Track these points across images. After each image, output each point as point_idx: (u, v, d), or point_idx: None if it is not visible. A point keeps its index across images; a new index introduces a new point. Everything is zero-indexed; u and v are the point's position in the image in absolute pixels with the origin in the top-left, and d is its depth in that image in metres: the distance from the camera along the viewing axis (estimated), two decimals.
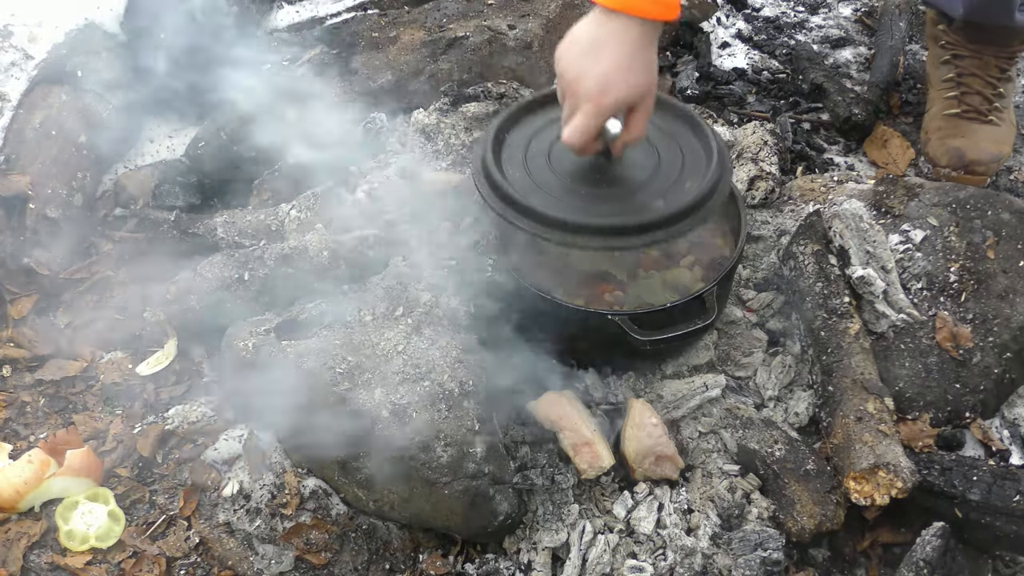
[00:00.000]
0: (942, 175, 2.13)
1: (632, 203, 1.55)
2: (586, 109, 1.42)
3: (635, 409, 1.62)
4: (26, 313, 1.94)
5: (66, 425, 1.77)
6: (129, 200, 2.15)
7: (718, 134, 1.69)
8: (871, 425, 1.58)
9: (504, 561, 1.58)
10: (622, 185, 1.58)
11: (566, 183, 1.58)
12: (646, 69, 1.42)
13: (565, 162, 1.60)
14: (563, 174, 1.59)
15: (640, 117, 1.47)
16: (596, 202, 1.56)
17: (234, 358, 1.69)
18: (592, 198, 1.56)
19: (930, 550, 1.48)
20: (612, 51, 1.39)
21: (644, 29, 1.39)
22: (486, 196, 1.57)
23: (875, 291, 1.74)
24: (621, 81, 1.40)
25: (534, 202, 1.53)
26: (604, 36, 1.40)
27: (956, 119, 2.16)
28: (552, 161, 1.61)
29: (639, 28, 1.38)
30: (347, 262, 1.76)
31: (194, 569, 1.59)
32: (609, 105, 1.42)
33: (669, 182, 1.58)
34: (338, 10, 2.51)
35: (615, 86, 1.40)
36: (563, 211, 1.51)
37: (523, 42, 2.28)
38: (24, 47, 2.20)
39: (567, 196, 1.56)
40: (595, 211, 1.54)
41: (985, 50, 2.16)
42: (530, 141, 1.66)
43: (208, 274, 1.81)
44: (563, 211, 1.51)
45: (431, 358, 1.58)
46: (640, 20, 1.38)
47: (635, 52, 1.40)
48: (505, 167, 1.60)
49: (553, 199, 1.55)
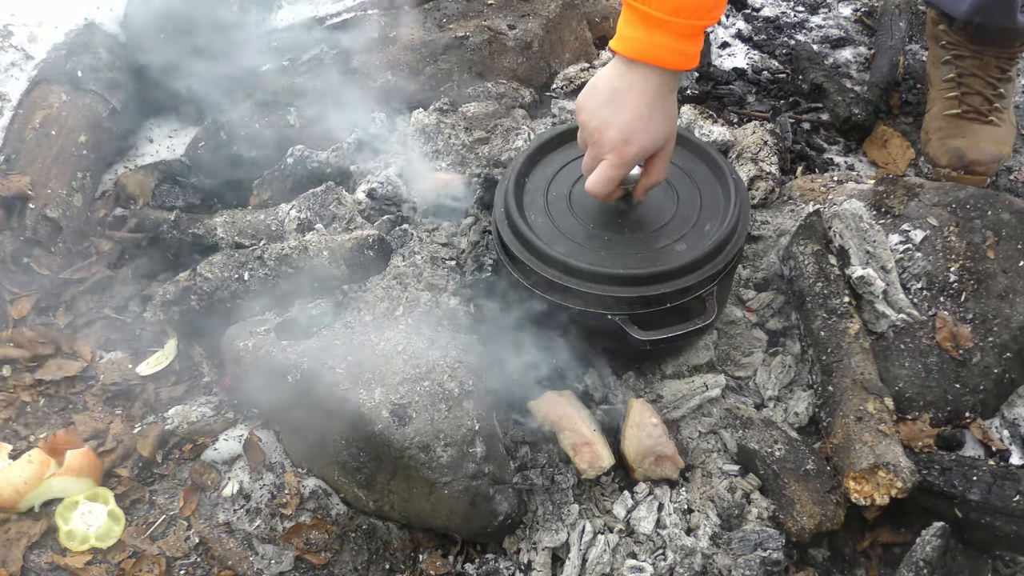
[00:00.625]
0: (942, 175, 2.13)
1: (654, 248, 1.58)
2: (610, 160, 1.45)
3: (635, 409, 1.62)
4: (26, 313, 1.94)
5: (66, 425, 1.77)
6: (129, 200, 2.15)
7: (735, 170, 1.70)
8: (871, 425, 1.58)
9: (504, 561, 1.58)
10: (643, 229, 1.61)
11: (588, 229, 1.61)
12: (667, 117, 1.45)
13: (587, 206, 1.63)
14: (585, 219, 1.62)
15: (661, 163, 1.50)
16: (619, 248, 1.59)
17: (234, 358, 1.70)
18: (615, 244, 1.59)
19: (930, 550, 1.48)
20: (633, 101, 1.41)
21: (664, 78, 1.41)
22: (509, 243, 1.60)
23: (875, 291, 1.74)
24: (643, 131, 1.43)
25: (559, 250, 1.56)
26: (625, 86, 1.41)
27: (956, 119, 2.16)
28: (574, 205, 1.65)
29: (659, 77, 1.40)
30: (347, 262, 1.76)
31: (194, 569, 1.59)
32: (633, 155, 1.45)
33: (689, 225, 1.61)
34: (338, 10, 2.51)
35: (637, 136, 1.43)
36: (588, 260, 1.55)
37: (523, 42, 2.28)
38: (24, 47, 2.20)
39: (590, 242, 1.59)
40: (619, 259, 1.56)
41: (986, 51, 2.16)
42: (550, 184, 1.69)
43: (208, 274, 1.81)
44: (588, 260, 1.55)
45: (431, 358, 1.58)
46: (660, 70, 1.40)
47: (655, 101, 1.41)
48: (528, 213, 1.63)
49: (577, 245, 1.58)
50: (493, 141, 2.07)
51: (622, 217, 1.62)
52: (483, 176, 1.96)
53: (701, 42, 1.40)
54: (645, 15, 1.36)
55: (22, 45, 2.20)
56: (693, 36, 1.38)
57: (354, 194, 2.00)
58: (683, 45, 1.38)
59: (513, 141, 2.05)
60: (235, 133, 2.15)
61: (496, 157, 2.04)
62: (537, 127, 2.11)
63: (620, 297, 1.53)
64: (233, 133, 2.16)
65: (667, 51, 1.38)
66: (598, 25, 2.49)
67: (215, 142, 2.17)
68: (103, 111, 2.16)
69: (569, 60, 2.36)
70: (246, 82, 2.26)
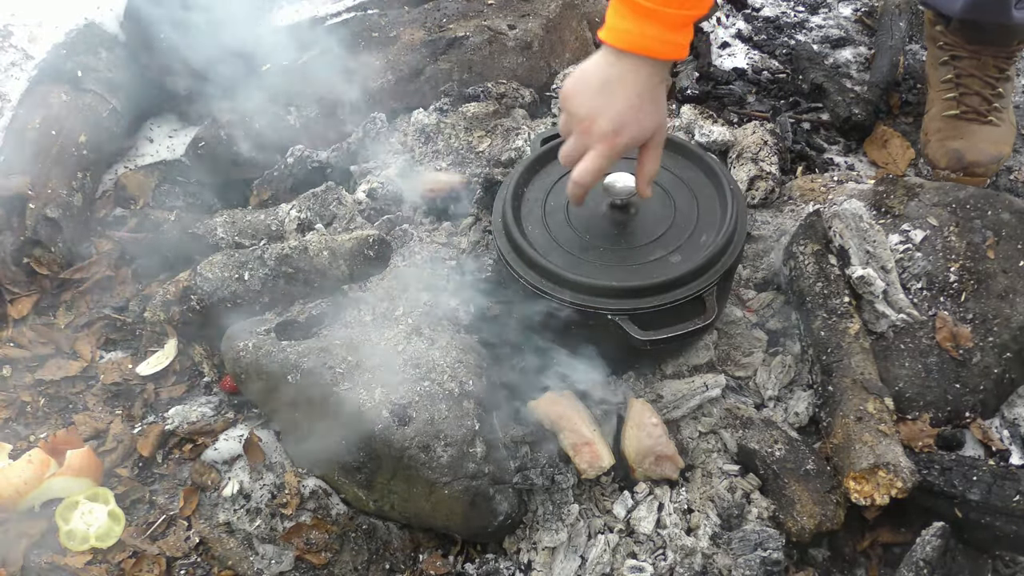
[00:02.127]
0: (941, 176, 2.13)
1: (648, 260, 1.58)
2: (600, 149, 1.44)
3: (635, 409, 1.62)
4: (26, 313, 1.95)
5: (66, 425, 1.77)
6: (129, 200, 2.15)
7: (733, 179, 1.70)
8: (871, 425, 1.58)
9: (504, 561, 1.58)
10: (639, 240, 1.61)
11: (584, 240, 1.61)
12: (656, 108, 1.44)
13: (584, 217, 1.63)
14: (582, 230, 1.62)
15: (653, 152, 1.49)
16: (614, 259, 1.59)
17: (234, 358, 1.70)
18: (610, 255, 1.59)
19: (930, 550, 1.48)
20: (624, 91, 1.40)
21: (655, 68, 1.40)
22: (505, 254, 1.60)
23: (875, 291, 1.74)
24: (633, 121, 1.42)
25: (555, 262, 1.56)
26: (615, 76, 1.41)
27: (955, 120, 2.16)
28: (571, 216, 1.64)
29: (649, 68, 1.40)
30: (347, 262, 1.76)
31: (194, 569, 1.59)
32: (622, 144, 1.44)
33: (685, 235, 1.61)
34: (338, 10, 2.51)
35: (628, 127, 1.42)
36: (582, 272, 1.54)
37: (523, 42, 2.28)
38: (24, 47, 2.20)
39: (585, 253, 1.59)
40: (613, 271, 1.56)
41: (983, 50, 2.16)
42: (548, 194, 1.68)
43: (208, 274, 1.81)
44: (582, 272, 1.54)
45: (431, 358, 1.58)
46: (651, 60, 1.39)
47: (645, 92, 1.41)
48: (525, 224, 1.63)
49: (572, 257, 1.58)
50: (493, 141, 2.07)
51: (619, 228, 1.62)
52: (483, 176, 1.96)
53: (691, 33, 1.40)
54: (635, 5, 1.35)
55: (22, 45, 2.20)
56: (683, 26, 1.38)
57: (354, 194, 2.00)
58: (673, 36, 1.37)
59: (513, 141, 2.05)
60: (235, 133, 2.16)
61: (496, 157, 2.04)
62: (537, 127, 2.11)
63: (615, 309, 1.53)
64: (233, 133, 2.16)
65: (658, 42, 1.37)
66: (598, 25, 2.48)
67: (215, 142, 2.17)
68: (103, 111, 2.16)
69: (569, 60, 2.36)
70: (246, 82, 2.26)
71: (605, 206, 1.63)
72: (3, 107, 2.12)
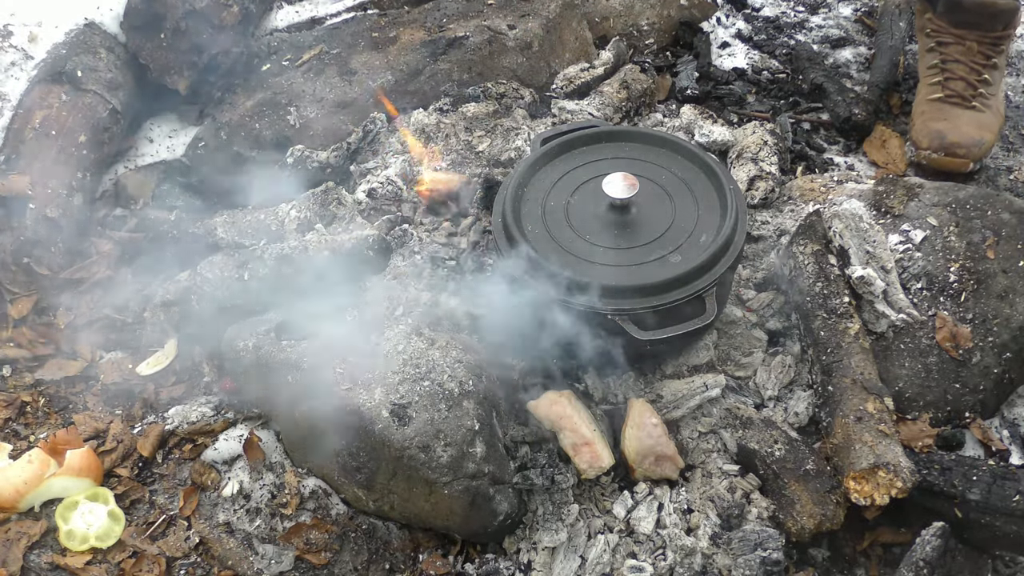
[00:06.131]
0: (923, 157, 2.16)
1: (647, 260, 1.58)
2: None
3: (635, 409, 1.62)
4: (26, 313, 1.94)
5: (66, 425, 1.77)
6: (129, 200, 2.15)
7: (733, 179, 1.70)
8: (871, 425, 1.58)
9: (504, 561, 1.58)
10: (639, 240, 1.61)
11: (584, 240, 1.61)
12: None
13: (583, 217, 1.63)
14: (581, 230, 1.62)
15: None
16: (613, 259, 1.59)
17: (234, 358, 1.70)
18: (609, 255, 1.59)
19: (930, 550, 1.48)
20: None
21: None
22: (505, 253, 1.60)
23: (875, 291, 1.74)
24: None
25: (553, 261, 1.56)
26: None
27: (939, 103, 2.19)
28: (570, 216, 1.64)
29: None
30: (347, 262, 1.76)
31: (194, 569, 1.59)
32: None
33: (685, 236, 1.61)
34: (338, 10, 2.51)
35: None
36: (581, 272, 1.55)
37: (523, 42, 2.28)
38: (24, 47, 2.20)
39: (585, 253, 1.60)
40: (612, 271, 1.56)
41: (968, 35, 2.19)
42: (548, 195, 1.69)
43: (208, 274, 1.81)
44: (581, 272, 1.55)
45: (431, 358, 1.58)
46: None
47: None
48: (525, 224, 1.63)
49: (572, 257, 1.59)
50: (493, 141, 2.07)
51: (619, 228, 1.62)
52: (483, 176, 1.96)
53: None
54: None
55: (22, 45, 2.19)
56: None
57: (354, 194, 2.00)
58: None
59: (513, 141, 2.05)
60: (235, 133, 2.15)
61: (496, 157, 2.04)
62: (537, 127, 2.11)
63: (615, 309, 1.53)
64: (233, 133, 2.16)
65: None
66: (598, 25, 2.49)
67: (215, 142, 2.17)
68: (103, 111, 2.16)
69: (569, 60, 2.36)
70: (246, 82, 2.26)
71: (605, 206, 1.63)
72: (3, 107, 2.12)
